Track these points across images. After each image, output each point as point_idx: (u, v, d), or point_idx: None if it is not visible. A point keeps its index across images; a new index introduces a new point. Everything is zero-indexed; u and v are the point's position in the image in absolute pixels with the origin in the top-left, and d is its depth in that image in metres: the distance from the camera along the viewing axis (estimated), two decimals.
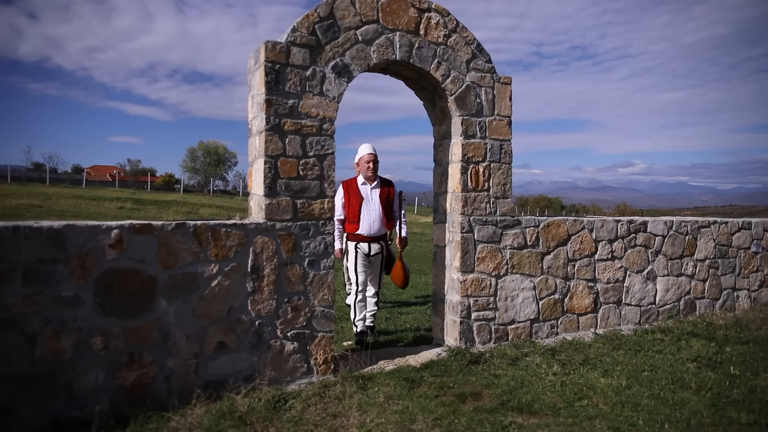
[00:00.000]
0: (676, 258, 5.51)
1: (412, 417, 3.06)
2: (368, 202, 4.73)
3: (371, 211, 4.72)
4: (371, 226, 4.71)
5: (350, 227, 4.78)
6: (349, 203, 4.75)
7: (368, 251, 4.77)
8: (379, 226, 4.75)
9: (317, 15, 3.66)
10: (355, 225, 4.72)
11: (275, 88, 3.53)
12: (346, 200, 4.78)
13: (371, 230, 4.71)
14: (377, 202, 4.75)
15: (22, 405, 2.82)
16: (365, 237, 4.72)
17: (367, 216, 4.70)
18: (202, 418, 2.99)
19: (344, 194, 4.79)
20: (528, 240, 4.56)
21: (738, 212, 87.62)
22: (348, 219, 4.77)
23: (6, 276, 2.78)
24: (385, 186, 4.88)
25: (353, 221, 4.73)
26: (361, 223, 4.70)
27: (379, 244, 4.80)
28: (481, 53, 4.31)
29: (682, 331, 4.85)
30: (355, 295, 4.81)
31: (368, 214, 4.71)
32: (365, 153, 4.79)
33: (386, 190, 4.85)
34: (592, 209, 56.02)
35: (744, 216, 8.06)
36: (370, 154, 4.79)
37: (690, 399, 3.37)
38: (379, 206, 4.75)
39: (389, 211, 4.84)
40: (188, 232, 3.24)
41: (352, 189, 4.79)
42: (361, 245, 4.76)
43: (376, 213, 4.73)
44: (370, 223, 4.70)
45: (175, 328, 3.20)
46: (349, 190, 4.78)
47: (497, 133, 4.40)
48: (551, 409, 3.20)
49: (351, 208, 4.73)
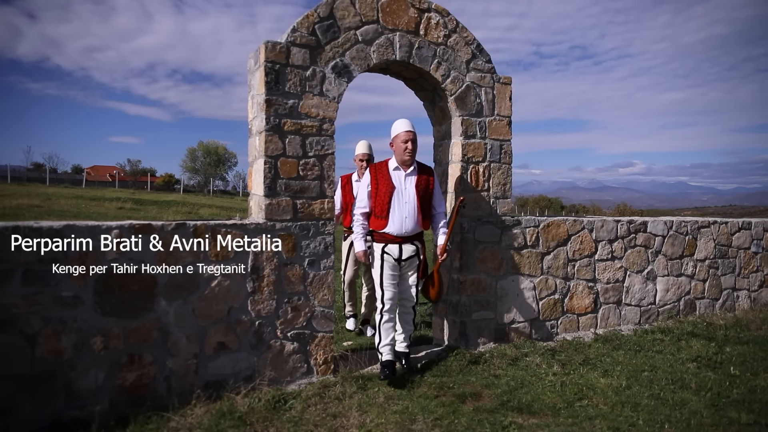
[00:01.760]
0: (676, 258, 5.51)
1: (412, 417, 3.07)
2: (401, 193, 3.73)
3: (404, 204, 3.72)
4: (403, 224, 3.71)
5: (376, 223, 3.77)
6: (377, 192, 3.74)
7: (399, 255, 3.75)
8: (413, 224, 3.74)
9: (317, 15, 3.66)
10: (383, 221, 3.73)
11: (275, 89, 3.53)
12: (373, 188, 3.76)
13: (403, 229, 3.71)
14: (412, 193, 3.74)
15: (22, 405, 2.82)
16: (395, 237, 3.74)
17: (398, 210, 3.71)
18: (202, 418, 3.00)
19: (371, 180, 3.78)
20: (528, 240, 4.56)
21: (738, 212, 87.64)
22: (374, 213, 3.77)
23: (6, 276, 2.78)
24: (424, 174, 3.83)
25: (380, 216, 3.73)
26: (391, 220, 3.71)
27: (413, 245, 3.79)
28: (481, 53, 4.31)
29: (682, 332, 4.85)
30: (381, 315, 3.77)
31: (400, 208, 3.71)
32: (402, 130, 3.74)
33: (424, 179, 3.81)
34: (592, 209, 56.05)
35: (744, 216, 8.07)
36: (408, 132, 3.73)
37: (690, 399, 3.37)
38: (414, 199, 3.74)
39: (426, 206, 3.83)
40: (188, 233, 3.24)
41: (382, 175, 3.77)
42: (389, 248, 3.75)
43: (411, 207, 3.73)
44: (401, 220, 3.71)
45: (175, 328, 3.20)
46: (378, 177, 3.77)
47: (497, 133, 4.40)
48: (551, 409, 3.20)
49: (379, 198, 3.73)
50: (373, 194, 3.77)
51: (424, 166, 3.90)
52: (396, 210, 3.71)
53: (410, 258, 3.78)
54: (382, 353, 3.74)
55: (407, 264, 3.80)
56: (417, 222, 3.76)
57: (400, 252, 3.75)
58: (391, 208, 3.71)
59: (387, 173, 3.78)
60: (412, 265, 3.82)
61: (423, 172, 3.84)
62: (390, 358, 3.70)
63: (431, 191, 3.84)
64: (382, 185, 3.75)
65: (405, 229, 3.72)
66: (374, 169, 3.82)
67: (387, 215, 3.71)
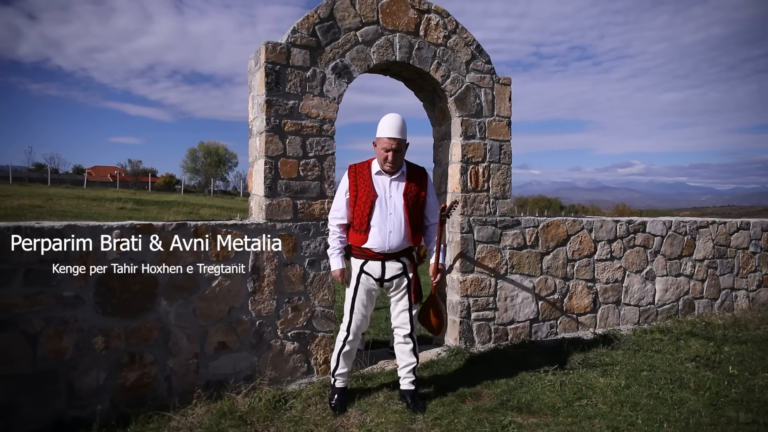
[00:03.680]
0: (675, 258, 5.53)
1: (412, 417, 3.08)
2: (384, 202, 3.11)
3: (388, 216, 3.10)
4: (387, 239, 3.09)
5: (355, 237, 3.16)
6: (356, 201, 3.13)
7: (381, 274, 3.16)
8: (400, 239, 3.12)
9: (317, 16, 3.67)
10: (362, 235, 3.12)
11: (275, 89, 3.55)
12: (352, 196, 3.14)
13: (386, 245, 3.09)
14: (399, 202, 3.12)
15: (24, 404, 2.83)
16: (376, 254, 3.14)
17: (381, 223, 3.09)
18: (203, 418, 3.01)
19: (350, 186, 3.16)
20: (527, 240, 4.58)
21: (736, 212, 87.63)
22: (353, 226, 3.16)
23: (7, 276, 2.80)
24: (414, 178, 3.19)
25: (360, 230, 3.12)
26: (372, 234, 3.10)
27: (399, 262, 3.17)
28: (481, 54, 4.32)
29: (680, 331, 4.86)
30: (343, 343, 3.22)
31: (383, 221, 3.09)
32: (385, 135, 3.07)
33: (415, 186, 3.17)
34: (591, 210, 56.04)
35: (742, 216, 8.08)
36: (391, 139, 3.05)
37: (689, 398, 3.38)
38: (402, 209, 3.11)
39: (417, 217, 3.20)
40: (189, 233, 3.26)
41: (363, 179, 3.14)
42: (369, 266, 3.15)
43: (397, 219, 3.10)
44: (385, 235, 3.09)
45: (175, 328, 3.22)
46: (359, 181, 3.14)
47: (497, 134, 4.42)
48: (550, 409, 3.22)
49: (358, 208, 3.12)
50: (351, 203, 3.15)
51: (414, 168, 3.26)
52: (378, 223, 3.09)
53: (396, 278, 3.18)
54: (336, 379, 3.27)
55: (392, 285, 3.20)
56: (405, 236, 3.13)
57: (382, 270, 3.15)
58: (372, 220, 3.09)
59: (369, 177, 3.14)
60: (399, 287, 3.20)
61: (413, 176, 3.20)
62: (343, 386, 3.27)
63: (423, 199, 3.21)
64: (363, 192, 3.12)
65: (389, 245, 3.10)
66: (354, 171, 3.18)
67: (368, 229, 3.10)
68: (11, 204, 16.24)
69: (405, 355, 3.29)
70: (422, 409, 3.17)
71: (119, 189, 34.65)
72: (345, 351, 3.23)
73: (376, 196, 3.10)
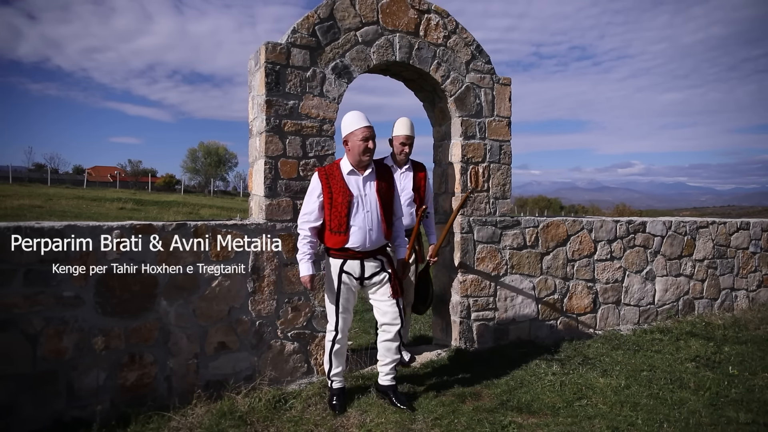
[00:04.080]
0: (675, 258, 5.53)
1: (412, 417, 3.08)
2: (360, 200, 3.18)
3: (366, 213, 3.16)
4: (367, 237, 3.15)
5: (333, 239, 3.17)
6: (332, 203, 3.15)
7: (361, 273, 3.21)
8: (378, 235, 3.20)
9: (317, 16, 3.68)
10: (341, 236, 3.15)
11: (275, 89, 3.55)
12: (326, 198, 3.16)
13: (367, 242, 3.16)
14: (374, 199, 3.20)
15: (24, 404, 2.83)
16: (356, 253, 3.18)
17: (361, 222, 3.14)
18: (203, 418, 3.01)
19: (323, 189, 3.17)
20: (527, 240, 4.58)
21: (736, 212, 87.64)
22: (330, 228, 3.17)
23: (7, 276, 2.80)
24: (384, 176, 3.30)
25: (338, 231, 3.15)
26: (352, 234, 3.13)
27: (376, 260, 3.24)
28: (481, 54, 4.32)
29: (680, 331, 4.86)
30: (333, 343, 3.25)
31: (363, 220, 3.15)
32: (359, 126, 3.16)
33: (385, 183, 3.28)
34: (591, 210, 56.04)
35: (742, 216, 8.08)
36: (367, 127, 3.17)
37: (689, 398, 3.38)
38: (377, 206, 3.20)
39: (389, 213, 3.28)
40: (189, 233, 3.26)
41: (336, 181, 3.18)
42: (349, 266, 3.19)
43: (374, 216, 3.18)
44: (365, 233, 3.14)
45: (175, 328, 3.22)
46: (331, 184, 3.17)
47: (497, 134, 4.42)
48: (550, 409, 3.22)
49: (335, 210, 3.14)
50: (326, 205, 3.17)
51: (381, 166, 3.37)
52: (358, 222, 3.14)
53: (375, 275, 3.23)
54: (332, 380, 3.29)
55: (372, 282, 3.24)
56: (382, 233, 3.22)
57: (362, 269, 3.20)
58: (351, 220, 3.14)
59: (341, 179, 3.18)
60: (382, 283, 3.24)
61: (382, 174, 3.30)
62: (341, 386, 3.30)
63: (392, 195, 3.32)
64: (338, 194, 3.14)
65: (370, 242, 3.16)
66: (324, 174, 3.20)
67: (347, 229, 3.14)
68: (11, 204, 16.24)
69: (390, 352, 3.31)
70: (407, 403, 3.24)
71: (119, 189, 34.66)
72: (336, 350, 3.27)
73: (352, 196, 3.16)
